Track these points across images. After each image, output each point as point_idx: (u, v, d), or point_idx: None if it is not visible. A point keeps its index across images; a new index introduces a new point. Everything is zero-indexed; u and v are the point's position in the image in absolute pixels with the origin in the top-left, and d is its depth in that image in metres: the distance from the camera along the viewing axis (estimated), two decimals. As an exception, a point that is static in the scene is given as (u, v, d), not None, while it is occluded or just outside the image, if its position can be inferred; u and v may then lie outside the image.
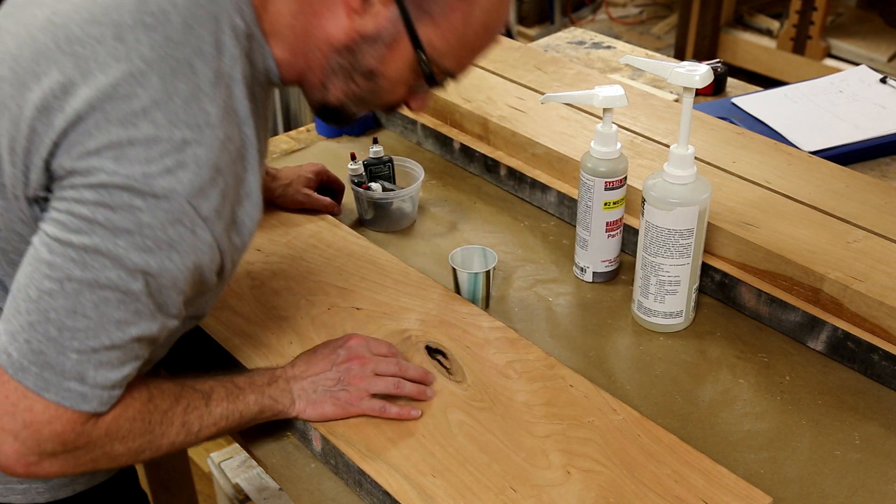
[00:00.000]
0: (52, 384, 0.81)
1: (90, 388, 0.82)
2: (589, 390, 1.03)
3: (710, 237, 1.22)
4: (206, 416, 0.94)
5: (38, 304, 0.80)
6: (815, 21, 3.45)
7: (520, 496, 0.91)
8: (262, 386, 0.99)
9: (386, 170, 1.41)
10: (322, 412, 1.00)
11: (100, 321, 0.80)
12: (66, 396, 0.81)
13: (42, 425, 0.82)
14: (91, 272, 0.79)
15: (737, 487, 0.91)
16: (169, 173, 0.78)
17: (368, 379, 1.01)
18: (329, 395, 1.00)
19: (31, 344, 0.80)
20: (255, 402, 0.98)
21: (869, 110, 1.60)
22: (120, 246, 0.79)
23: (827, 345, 1.14)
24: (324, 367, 1.02)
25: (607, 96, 1.17)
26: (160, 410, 0.90)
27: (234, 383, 0.98)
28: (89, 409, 0.83)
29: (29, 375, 0.81)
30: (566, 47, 1.91)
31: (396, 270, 1.22)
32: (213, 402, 0.95)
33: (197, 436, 0.94)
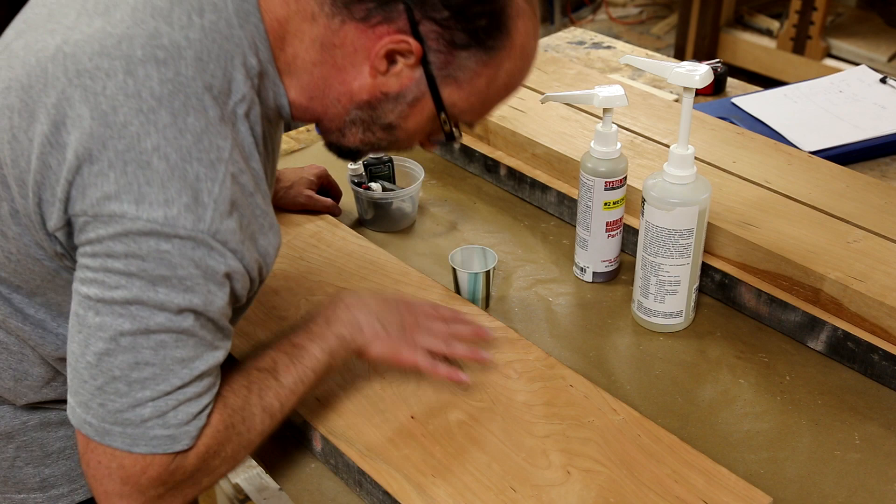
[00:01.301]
0: (138, 438, 0.81)
1: (175, 429, 0.82)
2: (589, 390, 1.03)
3: (710, 237, 1.22)
4: (281, 391, 0.92)
5: (99, 368, 0.80)
6: (814, 21, 3.45)
7: (520, 496, 0.91)
8: (321, 332, 0.97)
9: (386, 170, 1.41)
10: (392, 349, 0.98)
11: (164, 364, 0.81)
12: (156, 445, 0.82)
13: (138, 476, 0.82)
14: (140, 322, 0.79)
15: (737, 487, 0.91)
16: (189, 212, 0.78)
17: (422, 332, 1.01)
18: (398, 332, 0.99)
19: (105, 407, 0.81)
20: (321, 351, 0.95)
21: (869, 110, 1.60)
22: (161, 293, 0.79)
23: (827, 345, 1.14)
24: (385, 303, 1.00)
25: (607, 96, 1.17)
26: (238, 410, 0.89)
27: (292, 343, 0.96)
28: (181, 448, 0.83)
29: (115, 437, 0.81)
30: (566, 47, 1.91)
31: (396, 270, 1.22)
32: (281, 374, 0.93)
33: (282, 412, 0.93)
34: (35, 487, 1.03)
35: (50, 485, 1.03)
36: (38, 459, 1.02)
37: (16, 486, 1.02)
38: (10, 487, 1.01)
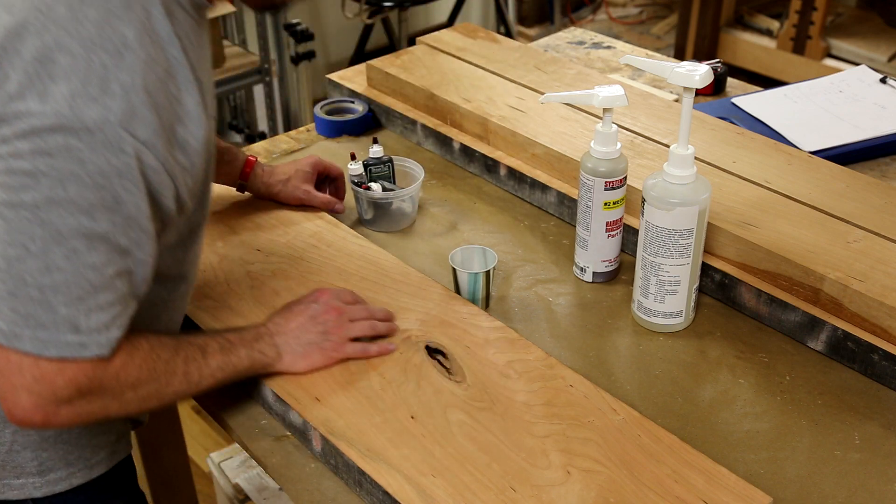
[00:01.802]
0: (49, 342, 0.82)
1: (86, 336, 0.83)
2: (589, 390, 1.03)
3: (710, 237, 1.22)
4: (204, 368, 0.98)
5: (10, 273, 0.80)
6: (814, 21, 3.45)
7: (520, 496, 0.91)
8: (250, 341, 1.03)
9: (386, 170, 1.41)
10: (310, 363, 1.05)
11: (76, 270, 0.81)
12: (66, 349, 0.83)
13: (54, 376, 0.84)
14: (51, 226, 0.79)
15: (737, 487, 0.91)
16: (95, 102, 0.77)
17: (346, 326, 1.07)
18: (314, 346, 1.05)
19: (16, 311, 0.81)
20: (246, 356, 1.02)
21: (869, 110, 1.60)
22: (71, 191, 0.78)
23: (827, 345, 1.14)
24: (302, 321, 1.06)
25: (607, 96, 1.17)
26: (163, 360, 0.93)
27: (225, 338, 1.02)
28: (91, 355, 0.84)
29: (24, 341, 0.82)
30: (566, 47, 1.91)
31: (396, 270, 1.22)
32: (209, 354, 0.98)
33: (198, 385, 0.97)
34: (34, 472, 1.03)
35: (48, 469, 1.03)
36: (36, 443, 1.02)
37: (14, 471, 1.02)
38: (8, 472, 1.02)
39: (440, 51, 1.71)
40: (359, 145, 1.60)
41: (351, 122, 1.63)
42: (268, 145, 1.63)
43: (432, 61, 1.67)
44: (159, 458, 1.71)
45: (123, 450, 1.11)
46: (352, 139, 1.63)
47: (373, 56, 1.90)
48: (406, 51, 1.72)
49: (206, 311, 1.16)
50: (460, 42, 1.73)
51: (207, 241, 1.27)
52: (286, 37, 3.08)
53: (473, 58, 1.67)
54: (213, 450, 1.99)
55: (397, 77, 1.62)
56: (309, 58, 3.14)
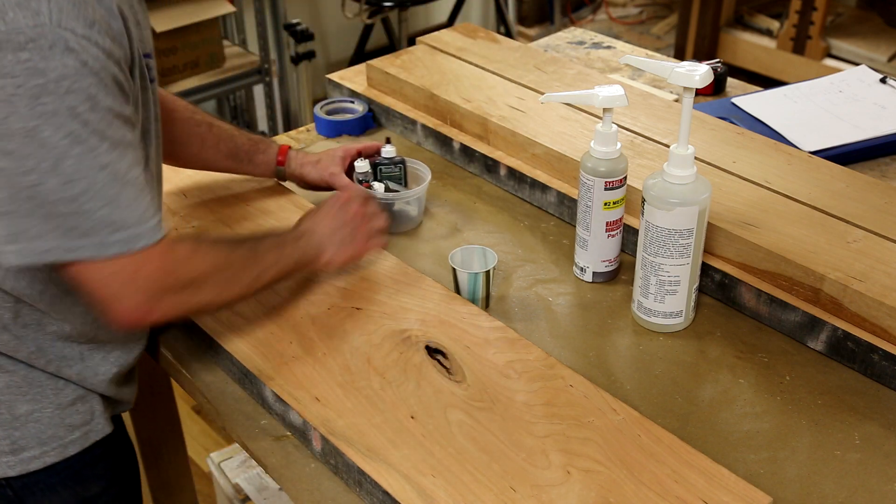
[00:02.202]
0: (104, 244, 0.89)
1: (134, 228, 0.90)
2: (589, 390, 1.03)
3: (710, 237, 1.22)
4: (264, 260, 1.07)
5: (37, 201, 0.85)
6: (814, 21, 3.45)
7: (520, 496, 0.91)
8: (294, 240, 1.13)
9: (397, 171, 1.40)
10: (345, 258, 1.17)
11: (92, 174, 0.86)
12: (123, 246, 0.90)
13: (133, 275, 0.92)
14: (48, 143, 0.83)
15: (737, 487, 0.91)
16: (24, 9, 0.81)
17: (370, 224, 1.20)
18: (346, 243, 1.16)
19: (59, 229, 0.87)
20: (293, 252, 1.11)
21: (869, 110, 1.60)
22: (48, 103, 0.82)
23: (827, 345, 1.14)
24: (334, 222, 1.17)
25: (607, 96, 1.17)
26: (224, 252, 1.03)
27: (275, 238, 1.11)
28: (147, 243, 0.91)
29: (84, 250, 0.89)
30: (566, 47, 1.91)
31: (396, 270, 1.22)
32: (265, 251, 1.08)
33: (259, 279, 1.06)
34: (7, 451, 1.04)
35: (21, 447, 1.05)
36: (7, 423, 1.04)
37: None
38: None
39: (440, 51, 1.71)
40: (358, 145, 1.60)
41: (351, 122, 1.63)
42: (268, 145, 1.63)
43: (432, 61, 1.67)
44: (159, 458, 1.71)
45: (100, 430, 1.11)
46: (352, 139, 1.63)
47: (373, 56, 1.90)
48: (406, 51, 1.72)
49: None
50: (460, 42, 1.73)
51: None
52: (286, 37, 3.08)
53: (473, 58, 1.67)
54: (213, 450, 1.99)
55: (397, 77, 1.62)
56: (309, 58, 3.14)
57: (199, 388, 1.13)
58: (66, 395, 1.07)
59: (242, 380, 1.11)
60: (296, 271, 1.13)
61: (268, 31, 3.06)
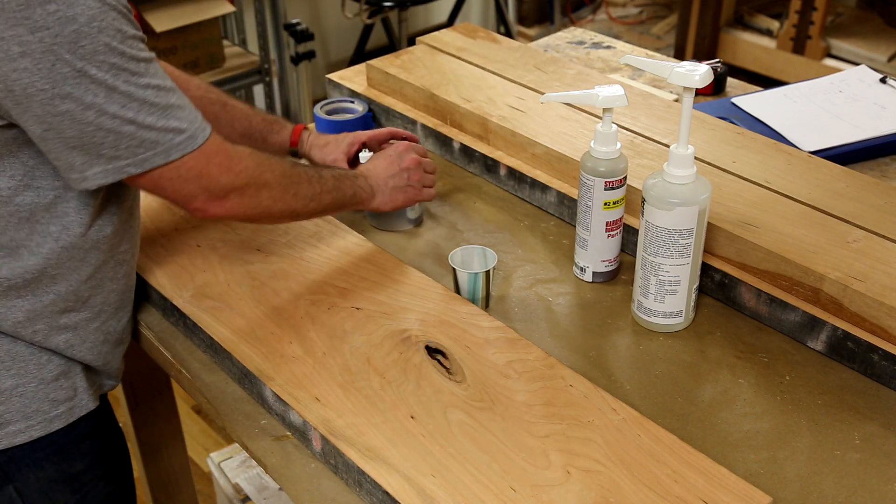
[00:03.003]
0: (170, 149, 0.98)
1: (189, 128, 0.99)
2: (589, 390, 1.03)
3: (710, 237, 1.22)
4: (324, 184, 1.16)
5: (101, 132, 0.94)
6: (814, 21, 3.45)
7: (520, 496, 0.91)
8: (353, 177, 1.22)
9: None
10: (395, 203, 1.28)
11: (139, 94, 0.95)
12: (187, 146, 0.99)
13: (200, 172, 1.02)
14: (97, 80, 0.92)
15: (737, 487, 0.91)
16: None
17: (423, 175, 1.31)
18: (399, 189, 1.28)
19: (129, 148, 0.96)
20: (351, 186, 1.21)
21: (869, 110, 1.60)
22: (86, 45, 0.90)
23: (827, 345, 1.14)
24: (391, 169, 1.28)
25: (607, 96, 1.17)
26: (283, 166, 1.11)
27: (333, 171, 1.20)
28: (204, 138, 1.01)
29: (155, 159, 0.98)
30: (566, 47, 1.91)
31: (396, 270, 1.22)
32: (325, 177, 1.17)
33: (321, 199, 1.15)
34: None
35: (6, 421, 1.07)
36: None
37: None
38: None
39: (440, 51, 1.71)
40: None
41: (351, 122, 1.63)
42: (268, 145, 1.63)
43: (432, 61, 1.67)
44: (159, 458, 1.71)
45: (84, 405, 1.13)
46: (352, 139, 1.63)
47: (373, 56, 1.90)
48: (406, 51, 1.72)
49: (206, 312, 1.16)
50: (460, 42, 1.74)
51: (208, 241, 1.28)
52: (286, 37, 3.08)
53: (473, 58, 1.67)
54: (213, 450, 1.99)
55: (397, 77, 1.62)
56: (309, 58, 3.14)
57: (199, 388, 1.13)
58: (50, 371, 1.09)
59: (242, 380, 1.11)
60: (351, 206, 1.22)
61: (268, 30, 3.06)
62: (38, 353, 1.08)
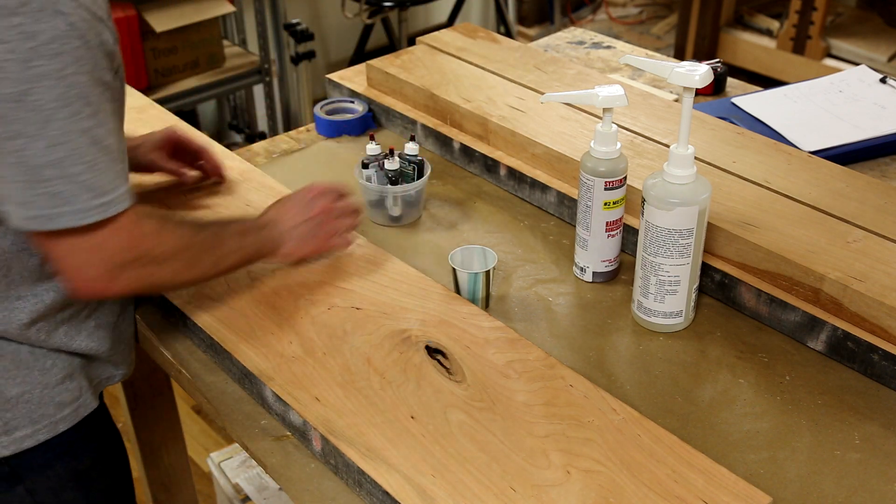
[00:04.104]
0: (85, 210, 0.91)
1: (110, 194, 0.93)
2: (589, 390, 1.03)
3: (710, 237, 1.22)
4: (226, 247, 1.10)
5: (21, 165, 0.88)
6: (814, 21, 3.45)
7: (520, 496, 0.91)
8: (258, 230, 1.15)
9: (410, 169, 1.40)
10: (304, 253, 1.19)
11: (75, 138, 0.89)
12: (102, 212, 0.92)
13: (101, 244, 0.95)
14: (36, 106, 0.86)
15: (737, 487, 0.91)
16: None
17: (335, 222, 1.20)
18: (308, 238, 1.18)
19: (44, 195, 0.89)
20: (255, 241, 1.14)
21: (869, 110, 1.60)
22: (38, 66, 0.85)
23: (827, 345, 1.14)
24: (299, 216, 1.18)
25: (607, 96, 1.17)
26: (189, 233, 1.06)
27: (239, 225, 1.14)
28: (120, 209, 0.94)
29: (63, 218, 0.91)
30: (566, 47, 1.91)
31: (396, 270, 1.22)
32: (228, 236, 1.11)
33: (221, 263, 1.10)
34: (0, 432, 1.06)
35: (13, 427, 1.07)
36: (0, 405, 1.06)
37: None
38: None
39: (440, 51, 1.71)
40: (358, 145, 1.60)
41: (351, 122, 1.63)
42: (268, 145, 1.63)
43: (432, 61, 1.67)
44: (159, 458, 1.71)
45: (88, 404, 1.13)
46: (352, 139, 1.63)
47: (373, 56, 1.90)
48: (406, 51, 1.72)
49: (206, 311, 1.16)
50: (460, 42, 1.74)
51: (207, 241, 1.27)
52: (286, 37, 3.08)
53: (473, 58, 1.67)
54: (213, 450, 1.99)
55: (397, 77, 1.62)
56: (309, 58, 3.14)
57: (199, 388, 1.14)
58: (54, 375, 1.09)
59: (242, 380, 1.11)
60: (257, 259, 1.16)
61: (268, 31, 3.06)
62: (43, 357, 1.08)
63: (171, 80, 2.84)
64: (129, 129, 1.54)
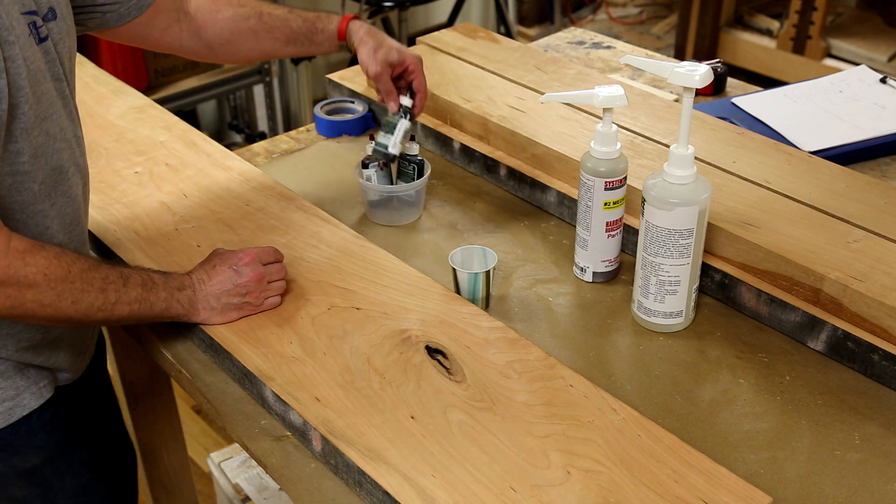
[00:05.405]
0: None
1: None
2: (589, 390, 1.03)
3: (710, 237, 1.22)
4: (123, 294, 1.04)
5: None
6: (815, 21, 3.45)
7: (520, 496, 0.91)
8: (173, 289, 1.10)
9: (410, 169, 1.40)
10: (227, 319, 1.14)
11: None
12: None
13: None
14: None
15: (737, 487, 0.91)
16: None
17: (265, 289, 1.15)
18: (232, 307, 1.13)
19: None
20: (164, 300, 1.09)
21: (869, 110, 1.60)
22: None
23: (827, 345, 1.14)
24: (226, 284, 1.13)
25: (607, 96, 1.17)
26: (78, 268, 1.00)
27: (150, 277, 1.09)
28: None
29: None
30: (566, 47, 1.91)
31: (396, 270, 1.22)
32: (130, 285, 1.05)
33: (112, 308, 1.04)
34: None
35: None
36: None
37: None
38: None
39: (440, 51, 1.71)
40: (358, 145, 1.60)
41: (351, 123, 1.63)
42: (268, 145, 1.63)
43: (432, 61, 1.67)
44: (159, 458, 1.71)
45: (27, 405, 1.11)
46: (352, 139, 1.63)
47: (373, 56, 1.90)
48: (406, 51, 1.72)
49: (206, 311, 1.16)
50: (460, 42, 1.73)
51: (208, 241, 1.28)
52: (286, 37, 3.07)
53: (473, 58, 1.67)
54: (213, 450, 1.99)
55: (397, 77, 1.62)
56: (309, 58, 3.14)
57: (199, 388, 1.13)
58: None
59: (242, 380, 1.11)
60: (167, 318, 1.11)
61: (268, 31, 3.05)
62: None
63: (171, 80, 2.84)
64: (129, 129, 1.54)
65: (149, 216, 1.33)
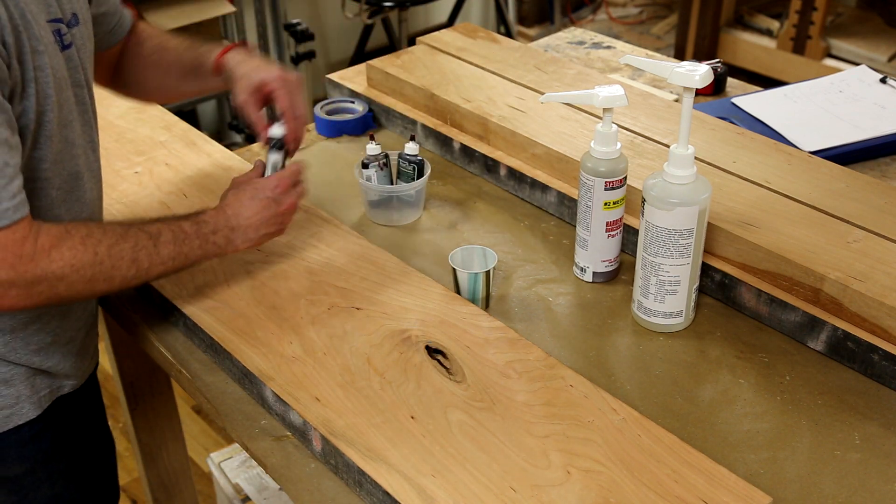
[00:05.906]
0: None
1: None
2: (589, 390, 1.03)
3: (710, 237, 1.22)
4: (155, 256, 1.03)
5: None
6: (815, 21, 3.45)
7: (520, 496, 0.91)
8: (207, 234, 1.09)
9: (410, 169, 1.40)
10: (260, 244, 1.16)
11: None
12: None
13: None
14: None
15: (737, 487, 0.91)
16: None
17: (287, 203, 1.15)
18: (268, 235, 1.15)
19: None
20: (199, 247, 1.08)
21: (869, 110, 1.60)
22: None
23: (827, 345, 1.14)
24: (265, 213, 1.13)
25: (607, 96, 1.17)
26: (105, 245, 0.99)
27: (181, 228, 1.07)
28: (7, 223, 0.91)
29: None
30: (566, 47, 1.91)
31: (396, 270, 1.22)
32: (161, 244, 1.04)
33: (147, 273, 1.04)
34: None
35: None
36: None
37: None
38: None
39: (440, 51, 1.71)
40: (358, 145, 1.60)
41: (351, 122, 1.63)
42: (268, 145, 1.63)
43: (432, 61, 1.67)
44: (159, 458, 1.71)
45: (24, 414, 1.11)
46: (352, 139, 1.63)
47: (373, 56, 1.90)
48: (406, 51, 1.72)
49: (206, 312, 1.16)
50: (460, 42, 1.74)
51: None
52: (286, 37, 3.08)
53: (473, 58, 1.67)
54: (213, 450, 1.99)
55: (397, 77, 1.62)
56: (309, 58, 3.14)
57: (199, 388, 1.14)
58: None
59: (242, 380, 1.11)
60: (200, 262, 1.11)
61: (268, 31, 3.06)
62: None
63: (171, 80, 2.84)
64: (129, 129, 1.54)
65: (149, 216, 1.33)
